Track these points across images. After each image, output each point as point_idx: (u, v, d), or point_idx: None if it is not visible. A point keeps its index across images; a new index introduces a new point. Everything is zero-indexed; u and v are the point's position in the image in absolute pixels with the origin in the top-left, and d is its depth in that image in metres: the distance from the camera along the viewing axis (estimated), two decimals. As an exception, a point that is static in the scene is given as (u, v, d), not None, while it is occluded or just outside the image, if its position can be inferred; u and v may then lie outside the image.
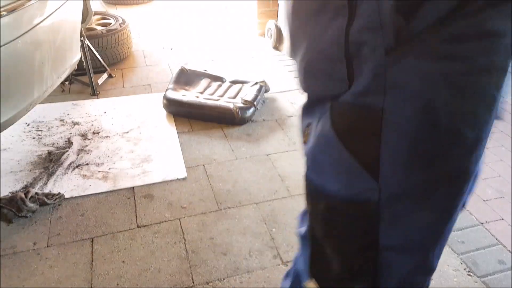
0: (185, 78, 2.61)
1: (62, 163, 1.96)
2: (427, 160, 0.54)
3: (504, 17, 0.48)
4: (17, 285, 1.38)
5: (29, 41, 1.68)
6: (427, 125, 0.52)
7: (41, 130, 2.21)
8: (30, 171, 1.90)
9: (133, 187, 1.83)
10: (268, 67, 3.12)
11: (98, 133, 2.21)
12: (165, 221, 1.67)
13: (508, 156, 2.16)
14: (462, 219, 1.72)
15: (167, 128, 2.28)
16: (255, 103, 2.37)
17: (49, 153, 2.03)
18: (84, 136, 2.18)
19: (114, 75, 2.86)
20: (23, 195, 1.65)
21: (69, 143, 2.11)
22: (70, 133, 2.19)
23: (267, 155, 2.10)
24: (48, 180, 1.85)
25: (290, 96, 2.69)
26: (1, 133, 1.94)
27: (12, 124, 1.72)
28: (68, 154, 2.02)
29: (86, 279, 1.41)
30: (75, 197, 1.77)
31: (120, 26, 2.95)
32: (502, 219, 1.74)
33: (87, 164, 1.96)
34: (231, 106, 2.32)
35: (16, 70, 1.64)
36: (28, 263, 1.46)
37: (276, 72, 3.04)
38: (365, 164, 0.55)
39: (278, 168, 2.00)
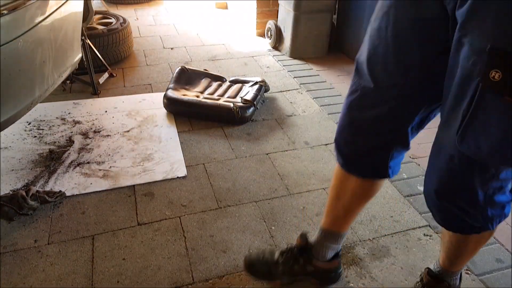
0: (186, 77, 2.62)
1: (63, 162, 1.97)
2: None
3: None
4: (18, 282, 1.39)
5: (30, 40, 1.69)
6: None
7: (42, 129, 2.22)
8: (31, 169, 1.91)
9: (133, 185, 1.85)
10: (268, 67, 3.13)
11: (99, 132, 2.22)
12: (166, 219, 1.68)
13: (506, 156, 2.17)
14: (460, 218, 1.73)
15: (168, 127, 2.30)
16: (254, 102, 2.39)
17: (50, 151, 2.04)
18: (85, 135, 2.19)
19: (115, 75, 2.87)
20: (24, 193, 1.66)
21: (70, 141, 2.13)
22: (71, 132, 2.21)
23: (267, 154, 2.11)
24: (49, 178, 1.86)
25: (290, 96, 2.70)
26: (3, 131, 1.95)
27: (13, 122, 1.73)
28: (69, 153, 2.04)
29: (86, 276, 1.42)
30: (76, 195, 1.78)
31: (121, 26, 2.96)
32: (500, 218, 1.75)
33: (88, 162, 1.97)
34: (231, 105, 2.33)
35: (17, 69, 1.65)
36: (29, 260, 1.47)
37: (275, 72, 3.05)
38: None
39: (277, 167, 2.01)
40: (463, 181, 0.92)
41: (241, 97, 2.41)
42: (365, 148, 1.10)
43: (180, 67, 2.67)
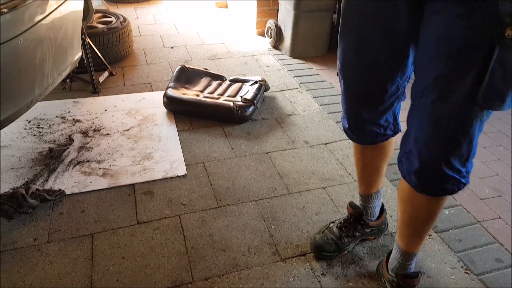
0: (186, 76, 2.62)
1: (63, 160, 1.97)
2: None
3: None
4: (18, 281, 1.40)
5: (30, 38, 1.69)
6: None
7: (42, 127, 2.22)
8: (31, 167, 1.91)
9: (133, 184, 1.85)
10: (268, 66, 3.13)
11: (98, 130, 2.22)
12: (165, 217, 1.68)
13: (505, 155, 2.17)
14: (459, 217, 1.73)
15: (167, 126, 2.30)
16: (254, 101, 2.39)
17: (50, 150, 2.04)
18: (85, 133, 2.19)
19: (115, 73, 2.87)
20: (24, 192, 1.66)
21: (70, 140, 2.13)
22: (71, 131, 2.21)
23: (267, 153, 2.11)
24: (49, 176, 1.86)
25: (290, 95, 2.70)
26: (2, 130, 1.95)
27: (13, 121, 1.73)
28: (69, 151, 2.04)
29: (86, 275, 1.42)
30: (76, 193, 1.78)
31: (121, 24, 2.96)
32: (500, 217, 1.75)
33: (87, 161, 1.97)
34: (231, 104, 2.33)
35: (17, 67, 1.65)
36: (29, 259, 1.47)
37: (275, 71, 3.05)
38: None
39: (277, 166, 2.01)
40: (468, 142, 1.00)
41: (241, 96, 2.41)
42: (378, 119, 1.26)
43: (180, 66, 2.67)
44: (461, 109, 0.95)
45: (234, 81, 2.67)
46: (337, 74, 1.30)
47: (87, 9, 2.42)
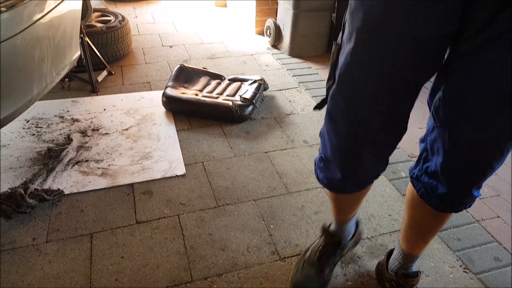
0: (184, 76, 2.62)
1: (61, 160, 1.97)
2: None
3: None
4: (16, 280, 1.39)
5: (29, 37, 1.68)
6: None
7: (41, 127, 2.22)
8: (29, 167, 1.91)
9: (132, 184, 1.84)
10: (267, 65, 3.12)
11: (97, 130, 2.22)
12: (164, 217, 1.68)
13: (505, 155, 2.18)
14: (458, 216, 1.73)
15: (166, 126, 2.29)
16: (253, 101, 2.38)
17: (49, 149, 2.04)
18: (83, 133, 2.19)
19: (113, 72, 2.87)
20: (22, 191, 1.66)
21: (69, 139, 2.12)
22: (70, 130, 2.20)
23: (266, 152, 2.11)
24: (47, 176, 1.85)
25: (289, 94, 2.70)
26: (1, 129, 1.94)
27: (12, 120, 1.72)
28: (68, 151, 2.03)
29: (85, 275, 1.42)
30: (75, 193, 1.78)
31: (120, 24, 2.95)
32: (498, 216, 1.75)
33: (86, 160, 1.97)
34: (230, 104, 2.33)
35: (15, 66, 1.64)
36: (27, 259, 1.47)
37: (274, 70, 3.05)
38: None
39: (276, 165, 2.01)
40: (500, 165, 0.99)
41: (240, 96, 2.41)
42: (383, 164, 1.14)
43: (179, 65, 2.67)
44: (501, 140, 0.92)
45: (233, 80, 2.67)
46: (317, 108, 1.14)
47: (86, 8, 2.41)
